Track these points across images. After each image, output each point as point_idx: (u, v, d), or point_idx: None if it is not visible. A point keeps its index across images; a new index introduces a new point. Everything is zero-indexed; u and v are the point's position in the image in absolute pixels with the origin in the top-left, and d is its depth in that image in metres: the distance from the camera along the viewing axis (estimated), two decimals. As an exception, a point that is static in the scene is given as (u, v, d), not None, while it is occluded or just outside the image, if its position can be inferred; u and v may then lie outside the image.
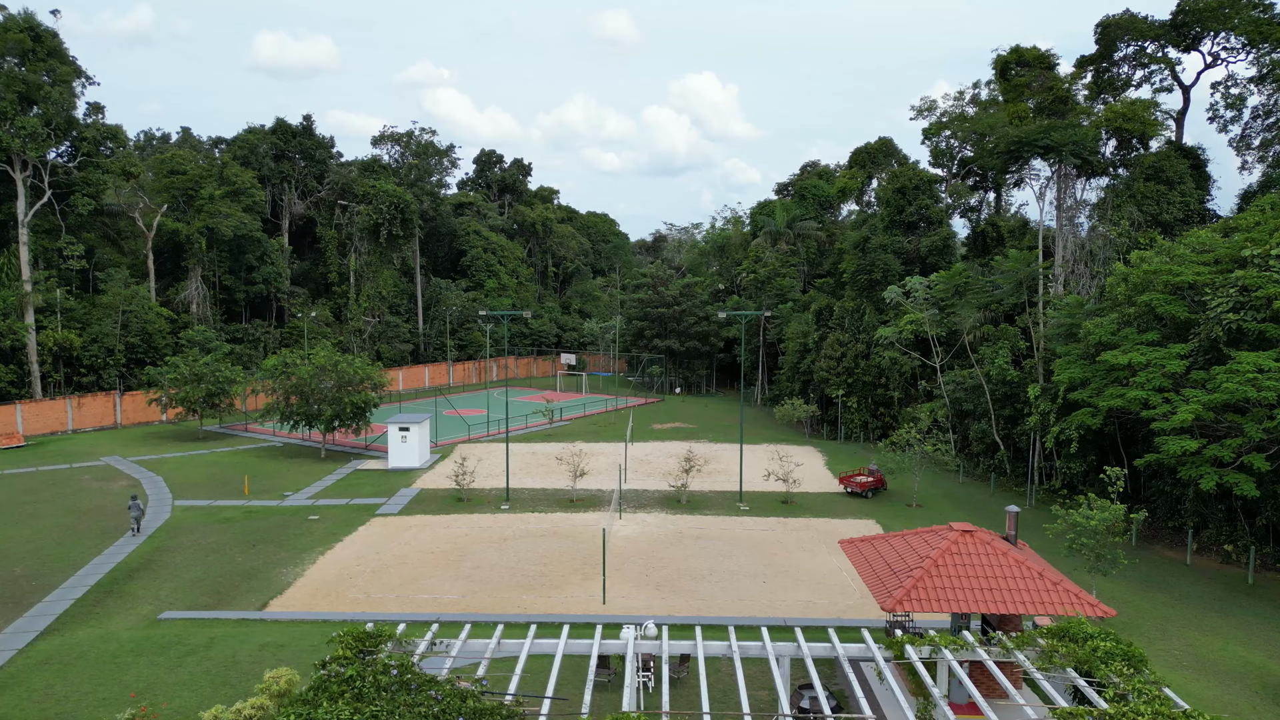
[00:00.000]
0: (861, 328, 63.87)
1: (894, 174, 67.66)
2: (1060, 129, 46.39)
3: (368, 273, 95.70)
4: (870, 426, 63.74)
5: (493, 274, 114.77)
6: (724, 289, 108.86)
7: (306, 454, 59.61)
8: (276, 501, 45.98)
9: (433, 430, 66.07)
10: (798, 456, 57.41)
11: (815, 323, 67.86)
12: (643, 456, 57.63)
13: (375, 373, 58.88)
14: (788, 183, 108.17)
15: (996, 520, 42.95)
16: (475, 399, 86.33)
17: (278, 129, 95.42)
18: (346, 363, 58.03)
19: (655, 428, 70.52)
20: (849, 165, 77.68)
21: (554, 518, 42.85)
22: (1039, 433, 46.05)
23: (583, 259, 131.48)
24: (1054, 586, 20.12)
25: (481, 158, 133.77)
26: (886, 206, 66.89)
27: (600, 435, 65.90)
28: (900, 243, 64.81)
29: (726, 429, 69.03)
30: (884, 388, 62.28)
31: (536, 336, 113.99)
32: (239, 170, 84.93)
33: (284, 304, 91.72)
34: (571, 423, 73.20)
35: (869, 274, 62.35)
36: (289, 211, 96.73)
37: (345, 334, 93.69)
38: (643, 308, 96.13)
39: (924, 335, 58.10)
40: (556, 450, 59.25)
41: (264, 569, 35.17)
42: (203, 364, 65.50)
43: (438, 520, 42.35)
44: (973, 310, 51.15)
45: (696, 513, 43.86)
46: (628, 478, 51.16)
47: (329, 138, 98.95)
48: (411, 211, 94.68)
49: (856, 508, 45.18)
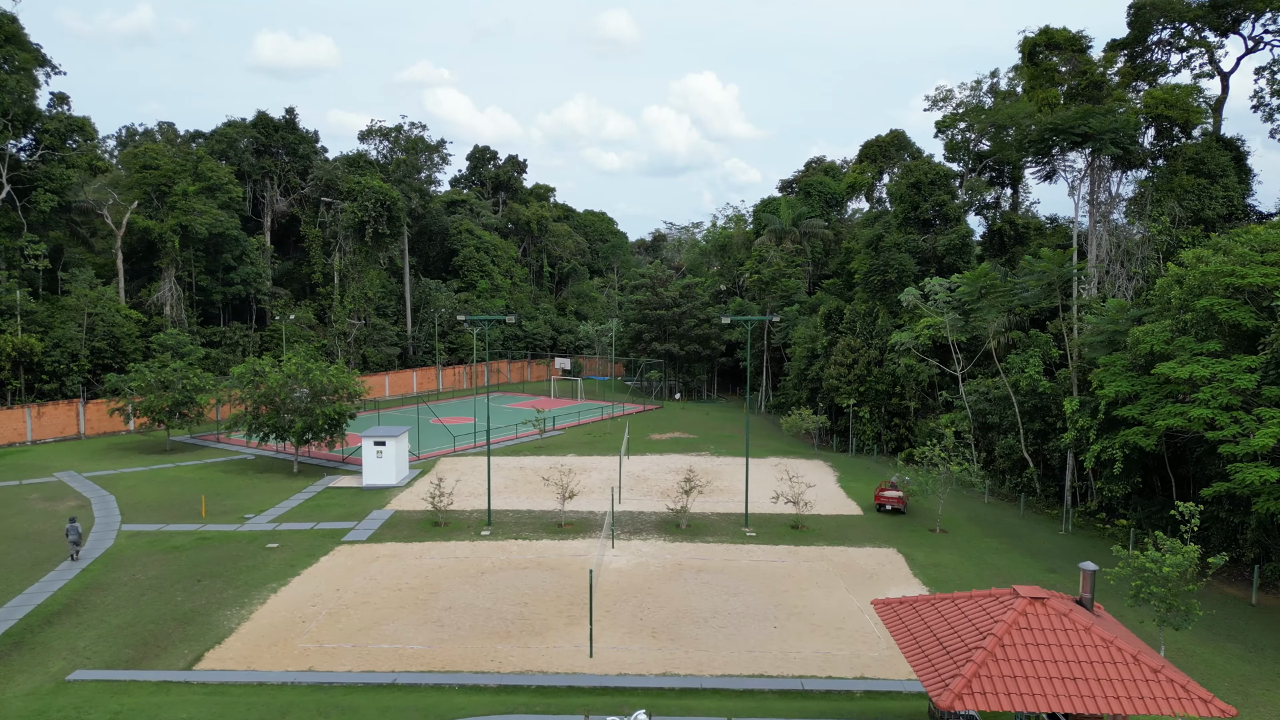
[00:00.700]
0: (874, 332, 59.60)
1: (907, 168, 63.37)
2: (1099, 116, 42.08)
3: (353, 273, 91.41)
4: (884, 439, 59.45)
5: (485, 274, 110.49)
6: (726, 290, 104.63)
7: (278, 468, 55.36)
8: (234, 526, 41.68)
9: (415, 442, 61.86)
10: (807, 473, 53.11)
11: (824, 326, 63.59)
12: (639, 472, 53.33)
13: (351, 381, 54.59)
14: (792, 180, 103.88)
15: (1033, 547, 38.69)
16: (465, 406, 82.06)
17: (259, 123, 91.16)
18: (320, 370, 53.76)
19: (653, 438, 66.24)
20: (858, 160, 73.39)
21: (540, 545, 38.54)
22: (1076, 450, 41.77)
23: (579, 259, 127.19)
24: (1154, 675, 15.82)
25: (475, 154, 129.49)
26: (900, 203, 62.59)
27: (594, 447, 61.60)
28: (915, 241, 60.51)
29: (729, 440, 64.74)
30: (899, 397, 58.01)
31: (531, 339, 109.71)
32: (214, 165, 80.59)
33: (265, 306, 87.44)
34: (565, 432, 68.93)
35: (882, 275, 58.07)
36: (271, 209, 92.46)
37: (329, 337, 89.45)
38: (641, 309, 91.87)
39: (943, 341, 53.85)
40: (546, 464, 54.95)
41: (205, 611, 30.87)
42: (169, 371, 61.21)
43: (410, 549, 38.04)
44: (999, 314, 46.85)
45: (698, 539, 39.57)
46: (622, 497, 46.87)
47: (313, 132, 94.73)
48: (399, 209, 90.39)
49: (873, 534, 40.87)
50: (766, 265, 77.54)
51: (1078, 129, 41.51)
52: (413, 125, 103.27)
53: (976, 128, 66.45)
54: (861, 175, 71.45)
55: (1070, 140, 41.83)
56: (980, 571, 35.51)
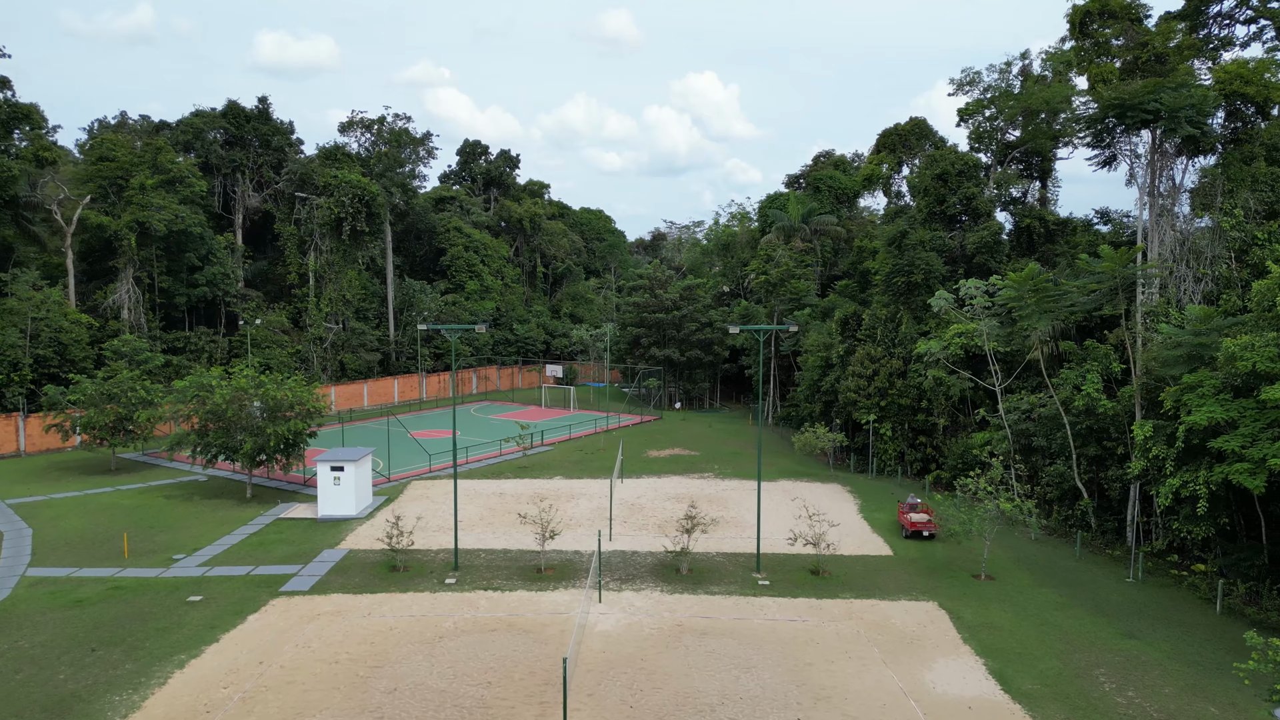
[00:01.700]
0: (897, 340, 53.48)
1: (932, 158, 57.25)
2: (1170, 91, 35.94)
3: (330, 273, 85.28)
4: (908, 459, 53.31)
5: (475, 275, 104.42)
6: (729, 291, 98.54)
7: (230, 493, 49.31)
8: (158, 570, 35.57)
9: (387, 461, 55.77)
10: (823, 500, 46.97)
11: (840, 333, 57.46)
12: (634, 499, 47.18)
13: (309, 395, 48.46)
14: (799, 175, 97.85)
15: (1099, 601, 32.49)
16: (449, 417, 75.90)
17: (229, 112, 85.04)
18: (274, 384, 47.65)
19: (651, 455, 60.09)
20: (875, 150, 67.25)
21: (513, 599, 32.40)
22: (1145, 483, 35.64)
23: (574, 259, 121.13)
24: None
25: (465, 148, 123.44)
26: (924, 196, 56.47)
27: (585, 467, 55.46)
28: (941, 239, 54.37)
29: (735, 458, 58.59)
30: (926, 413, 51.89)
31: (522, 343, 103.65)
32: (175, 156, 74.47)
33: (234, 309, 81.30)
34: (554, 448, 62.79)
35: (907, 276, 51.92)
36: (243, 205, 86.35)
37: (304, 342, 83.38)
38: (638, 312, 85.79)
39: (977, 351, 47.75)
40: (529, 490, 48.82)
41: (88, 697, 24.75)
42: (114, 383, 55.14)
43: (358, 603, 31.90)
44: (1049, 321, 40.67)
45: (701, 589, 33.44)
46: (614, 532, 40.75)
47: (288, 123, 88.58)
48: (379, 204, 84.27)
49: (907, 581, 34.72)
50: (774, 265, 71.38)
51: (1147, 104, 35.41)
52: (397, 117, 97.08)
53: (1005, 114, 60.33)
54: (878, 167, 65.26)
55: (1139, 118, 35.72)
56: (1042, 635, 29.38)
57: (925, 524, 39.68)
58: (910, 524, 39.84)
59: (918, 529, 39.56)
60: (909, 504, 41.90)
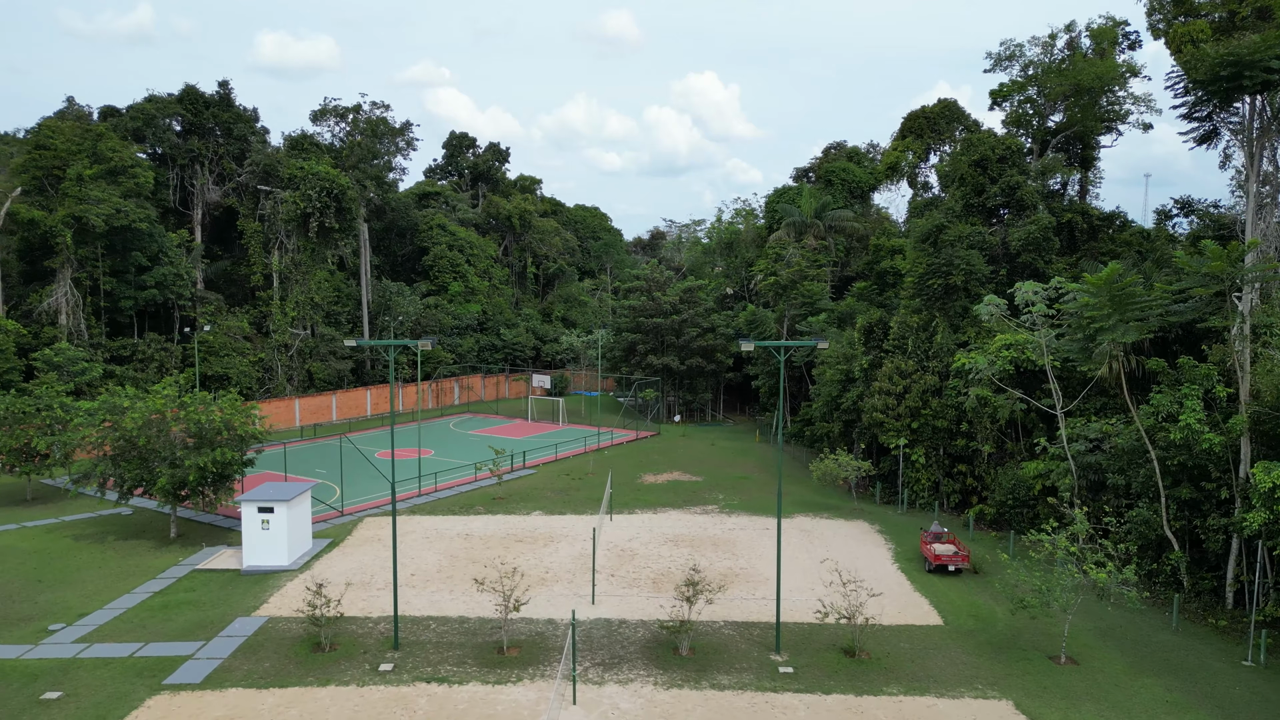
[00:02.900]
0: (931, 352, 46.12)
1: (969, 142, 49.96)
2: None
3: (296, 274, 77.91)
4: (944, 490, 45.92)
5: (459, 275, 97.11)
6: (732, 294, 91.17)
7: (153, 531, 42.04)
8: (23, 649, 28.19)
9: (341, 489, 48.37)
10: (849, 542, 39.60)
11: (863, 343, 50.05)
12: (625, 542, 39.78)
13: (241, 419, 41.07)
14: (808, 168, 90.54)
15: (1219, 697, 24.94)
16: (427, 432, 68.57)
17: (186, 98, 77.63)
18: (197, 405, 40.26)
19: (647, 481, 52.73)
20: (900, 135, 59.89)
21: (462, 697, 25.01)
22: (1267, 538, 28.27)
23: (567, 258, 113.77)
24: None
25: (452, 141, 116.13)
26: (959, 186, 49.16)
27: (570, 498, 48.07)
28: (981, 234, 47.02)
29: (743, 485, 51.21)
30: (966, 438, 44.52)
31: (510, 350, 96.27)
32: (117, 144, 67.08)
33: (190, 313, 73.88)
34: (537, 471, 55.43)
35: (944, 277, 44.52)
36: (202, 200, 78.96)
37: (268, 349, 76.02)
38: (635, 316, 78.46)
39: (1030, 366, 40.41)
40: (502, 529, 41.42)
41: None
42: (26, 400, 47.80)
43: (259, 704, 24.51)
44: (1135, 333, 33.22)
45: (706, 680, 26.04)
46: (600, 587, 33.36)
47: (251, 109, 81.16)
48: (350, 199, 76.89)
49: (967, 664, 27.32)
50: (785, 265, 63.95)
51: (1270, 62, 28.06)
52: (375, 105, 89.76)
53: (1049, 93, 53.00)
54: (903, 154, 57.91)
55: (1258, 80, 28.34)
56: (1162, 757, 22.03)
57: (952, 557, 35.44)
58: (935, 556, 35.43)
59: (943, 562, 35.32)
60: (932, 533, 37.10)
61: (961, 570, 35.51)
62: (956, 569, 35.33)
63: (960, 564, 35.28)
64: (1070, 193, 58.21)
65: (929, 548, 36.25)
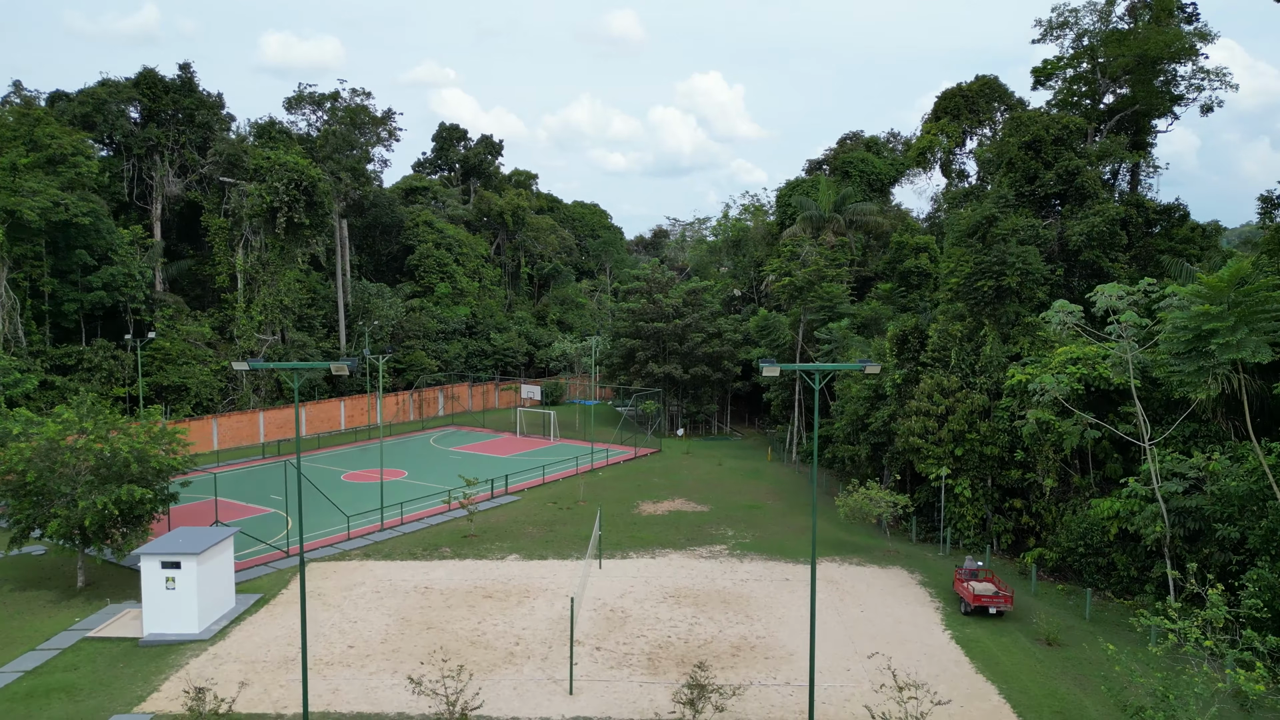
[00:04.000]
0: (979, 367, 39.20)
1: (1018, 121, 43.05)
2: None
3: (264, 274, 71.21)
4: (994, 528, 38.97)
5: (446, 275, 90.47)
6: (740, 296, 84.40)
7: (60, 579, 35.48)
8: None
9: (298, 519, 41.59)
10: (886, 597, 32.71)
11: (894, 354, 43.12)
12: (616, 598, 32.88)
13: (157, 447, 34.32)
14: (822, 160, 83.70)
15: None
16: (406, 448, 61.86)
17: (143, 81, 70.91)
18: (99, 432, 33.51)
19: (645, 512, 45.90)
20: (932, 116, 52.96)
21: None
22: None
23: (564, 257, 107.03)
24: None
25: (441, 133, 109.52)
26: (1008, 172, 42.24)
27: (554, 536, 41.21)
28: (1035, 229, 40.10)
29: (755, 516, 44.32)
30: (1022, 468, 37.60)
31: (501, 355, 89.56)
32: (57, 130, 60.40)
33: (146, 317, 67.15)
34: (521, 496, 48.64)
35: (996, 278, 37.57)
36: (161, 193, 72.27)
37: (231, 357, 69.29)
38: (634, 320, 71.69)
39: (1105, 385, 33.52)
40: (469, 580, 34.56)
41: None
42: (-77, 420, 41.15)
43: None
44: (1265, 349, 26.23)
45: (716, 824, 19.17)
46: (580, 668, 26.50)
47: (216, 95, 74.43)
48: (321, 192, 70.14)
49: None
50: (800, 264, 57.03)
51: None
52: (355, 92, 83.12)
53: (1111, 67, 46.06)
54: (936, 137, 51.00)
55: None
56: None
57: (994, 598, 31.19)
58: (974, 597, 31.23)
59: (984, 604, 31.15)
60: (968, 569, 32.82)
61: (1004, 612, 31.29)
62: (999, 610, 31.14)
63: (1003, 605, 31.12)
64: (1121, 182, 51.36)
65: (965, 586, 31.81)
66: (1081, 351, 34.90)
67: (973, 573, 32.67)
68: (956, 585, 32.59)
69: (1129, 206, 45.03)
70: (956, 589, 32.53)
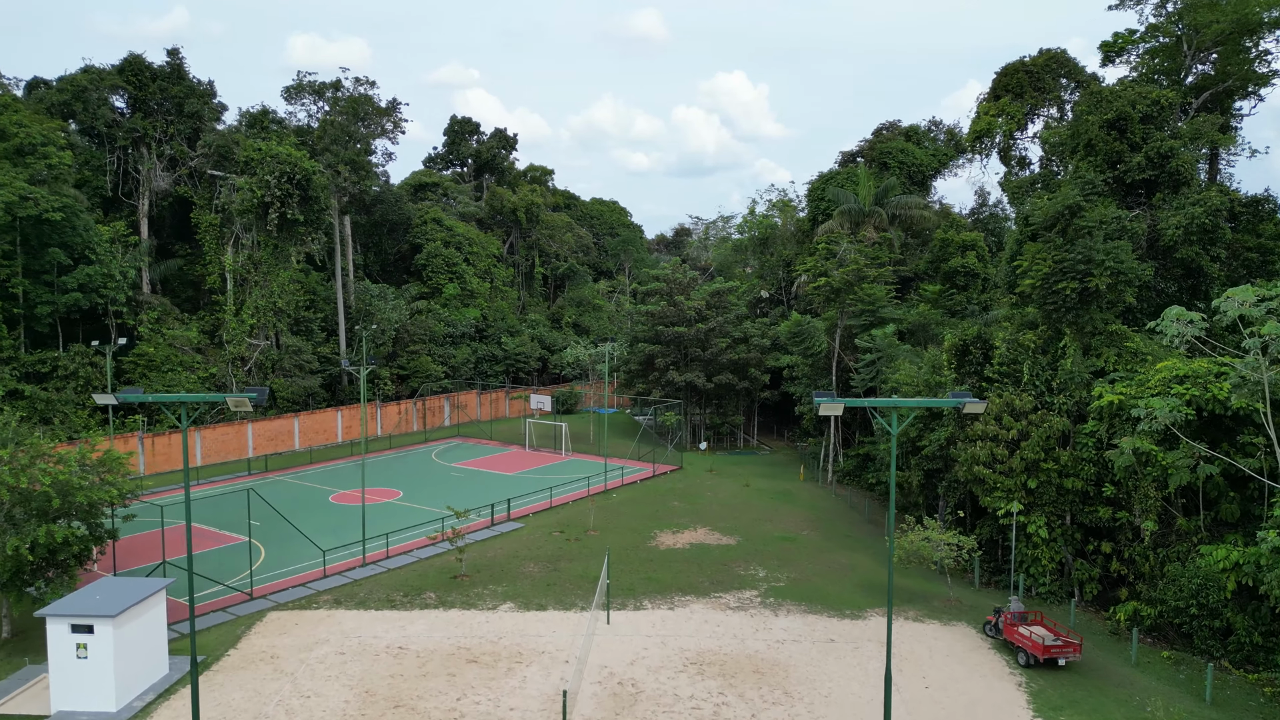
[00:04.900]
0: (1057, 384, 33.22)
1: (1098, 96, 36.95)
2: None
3: (256, 275, 66.35)
4: (1076, 575, 32.97)
5: (455, 276, 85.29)
6: (768, 297, 78.61)
7: (-18, 626, 30.33)
8: None
9: (269, 550, 36.31)
10: (956, 668, 26.85)
11: (953, 368, 37.20)
12: (625, 667, 27.28)
13: (89, 478, 29.18)
14: (856, 151, 77.69)
15: None
16: (406, 464, 56.65)
17: (128, 68, 66.26)
18: (19, 461, 28.38)
19: (662, 544, 40.29)
20: (991, 95, 46.96)
21: None
22: None
23: (580, 257, 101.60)
24: None
25: (454, 127, 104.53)
26: (1087, 155, 36.20)
27: (558, 575, 35.69)
28: (1120, 221, 34.05)
29: (791, 553, 38.49)
30: (1112, 506, 31.61)
31: (513, 361, 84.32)
32: (25, 118, 55.77)
33: (129, 320, 62.44)
34: (525, 524, 43.20)
35: (1082, 278, 31.57)
36: (148, 187, 67.60)
37: (220, 363, 64.52)
38: (653, 324, 66.12)
39: (1221, 410, 27.53)
40: (452, 640, 29.06)
41: None
42: None
43: None
44: None
45: None
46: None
47: (207, 83, 69.65)
48: (317, 186, 65.16)
49: None
50: (838, 263, 51.14)
51: None
52: (358, 81, 78.08)
53: (1202, 36, 39.86)
54: (994, 119, 44.97)
55: None
56: None
57: (1063, 647, 27.05)
58: (1043, 648, 26.87)
59: (1053, 654, 26.96)
60: (1016, 613, 28.74)
61: (1072, 663, 27.46)
62: (1068, 661, 27.31)
63: (1073, 655, 27.29)
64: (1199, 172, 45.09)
65: (1025, 635, 27.71)
66: (1188, 368, 28.90)
67: (1022, 616, 28.67)
68: (1010, 633, 28.51)
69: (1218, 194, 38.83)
70: (1010, 637, 28.44)
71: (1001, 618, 29.22)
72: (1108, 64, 46.73)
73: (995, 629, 29.54)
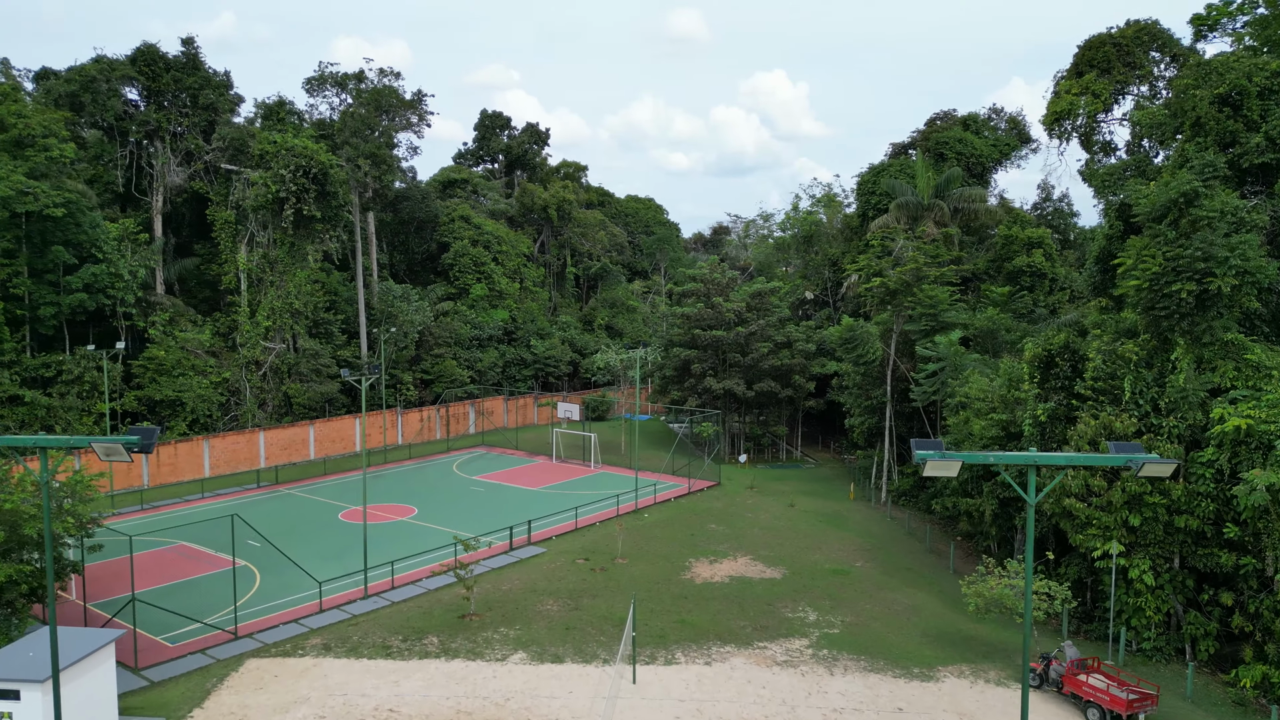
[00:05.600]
0: (1166, 404, 28.17)
1: (1206, 69, 31.79)
2: None
3: (272, 274, 63.14)
4: (1189, 632, 27.88)
5: (483, 276, 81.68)
6: (813, 299, 73.75)
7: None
8: None
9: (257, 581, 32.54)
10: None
11: (1036, 381, 32.22)
12: (654, 738, 22.92)
13: (32, 510, 25.54)
14: (908, 143, 72.56)
15: None
16: (423, 475, 52.86)
17: (141, 58, 63.36)
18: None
19: (698, 577, 35.82)
20: (1072, 72, 41.76)
21: None
22: None
23: (614, 256, 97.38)
24: None
25: (484, 121, 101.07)
26: (1196, 135, 31.06)
27: (580, 615, 31.41)
28: (1238, 211, 28.86)
29: (844, 589, 33.79)
30: (1236, 550, 26.53)
31: (542, 365, 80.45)
32: (25, 108, 52.96)
33: (140, 322, 59.50)
34: (547, 549, 39.00)
35: (1200, 279, 26.54)
36: (162, 183, 64.69)
37: (234, 367, 61.38)
38: (689, 327, 61.69)
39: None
40: (452, 701, 24.89)
41: None
42: None
43: None
44: None
45: None
46: None
47: (223, 73, 66.54)
48: (335, 181, 61.74)
49: None
50: (894, 262, 46.23)
51: None
52: (382, 72, 74.61)
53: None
54: (1076, 98, 39.79)
55: None
56: None
57: (1141, 701, 23.91)
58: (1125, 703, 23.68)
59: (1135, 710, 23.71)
60: (1076, 660, 25.64)
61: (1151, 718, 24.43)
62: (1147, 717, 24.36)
63: (1151, 709, 24.31)
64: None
65: (1089, 685, 24.61)
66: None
67: (1082, 664, 25.64)
68: (1072, 683, 25.28)
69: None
70: (1074, 688, 25.20)
71: (1050, 665, 25.87)
72: (1199, 40, 41.38)
73: (1044, 678, 26.04)
